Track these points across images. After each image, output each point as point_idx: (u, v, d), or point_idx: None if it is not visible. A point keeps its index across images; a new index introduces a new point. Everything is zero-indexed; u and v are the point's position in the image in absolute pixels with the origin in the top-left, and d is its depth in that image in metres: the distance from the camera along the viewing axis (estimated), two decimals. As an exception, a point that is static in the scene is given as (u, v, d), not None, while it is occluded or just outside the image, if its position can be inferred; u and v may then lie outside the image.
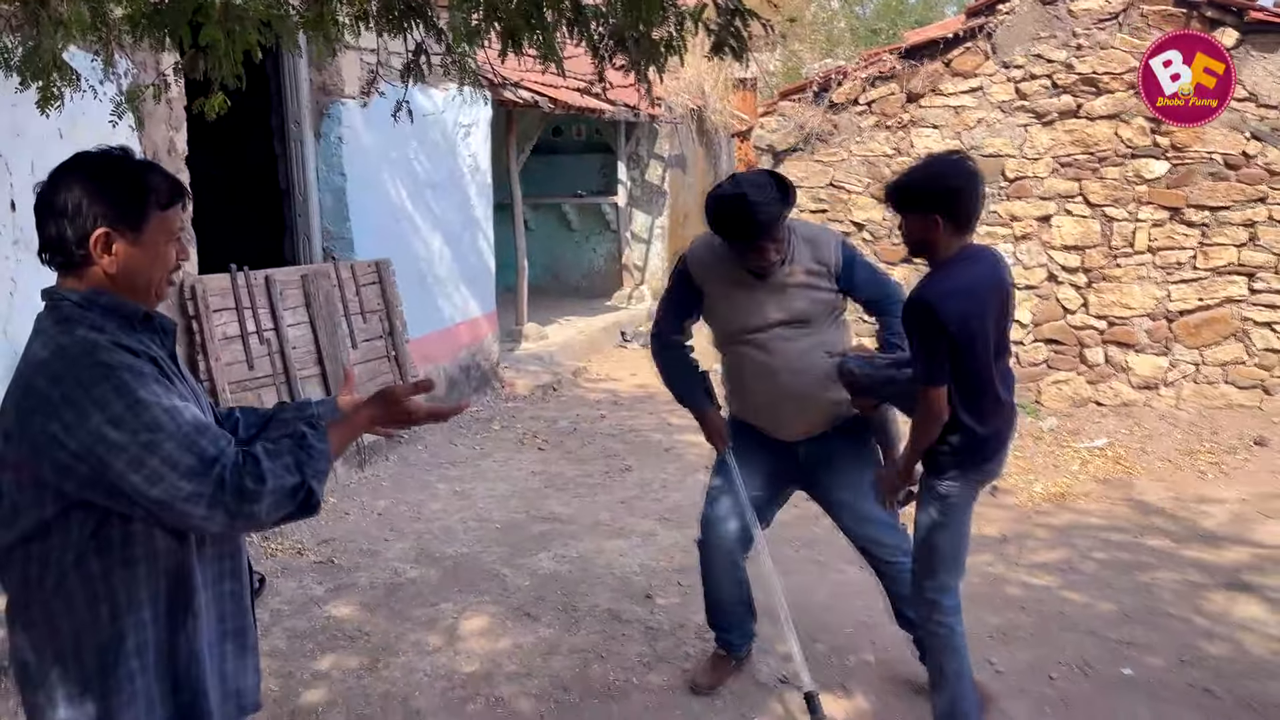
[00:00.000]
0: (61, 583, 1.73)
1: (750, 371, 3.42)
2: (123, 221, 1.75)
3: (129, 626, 1.75)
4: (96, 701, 1.76)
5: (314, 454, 1.78)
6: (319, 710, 3.58)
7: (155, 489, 1.65)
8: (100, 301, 1.76)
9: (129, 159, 1.83)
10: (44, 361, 1.71)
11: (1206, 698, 3.55)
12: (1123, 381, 6.77)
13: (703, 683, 3.70)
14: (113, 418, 1.64)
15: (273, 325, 5.83)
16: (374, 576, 4.75)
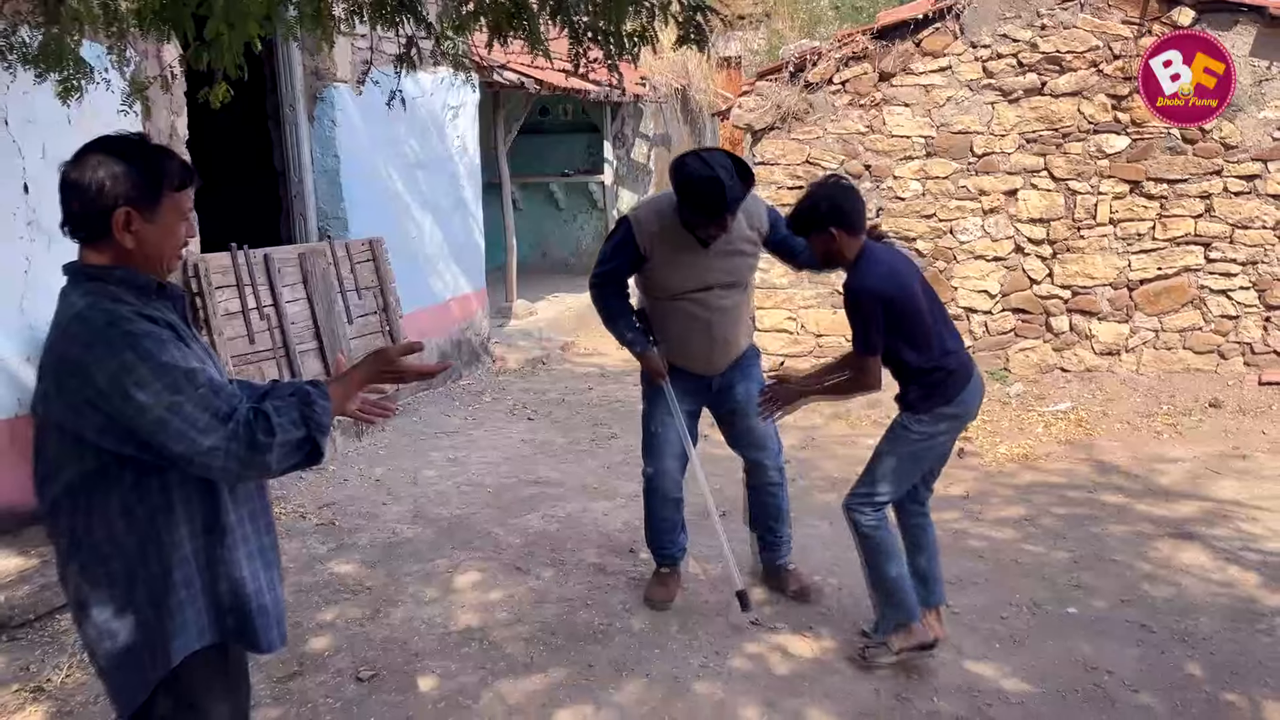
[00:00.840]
0: (111, 529, 1.95)
1: (686, 324, 3.94)
2: (141, 201, 1.95)
3: (175, 562, 1.98)
4: (152, 631, 1.98)
5: (317, 409, 1.99)
6: (325, 655, 3.87)
7: (179, 445, 1.87)
8: (118, 274, 1.96)
9: (147, 144, 2.04)
10: (74, 330, 1.91)
11: (1143, 632, 3.86)
12: (1086, 348, 7.07)
13: (661, 598, 4.16)
14: (139, 381, 1.85)
15: (272, 301, 6.09)
16: (373, 536, 5.03)
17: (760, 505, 4.26)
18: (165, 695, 2.03)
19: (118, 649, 2.01)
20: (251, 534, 2.11)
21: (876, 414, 6.80)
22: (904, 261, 3.60)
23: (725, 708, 3.43)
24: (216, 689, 2.13)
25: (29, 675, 3.73)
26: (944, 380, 3.47)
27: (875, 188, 7.20)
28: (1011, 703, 3.41)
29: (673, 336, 4.01)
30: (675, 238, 3.81)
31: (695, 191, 3.61)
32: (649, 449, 4.16)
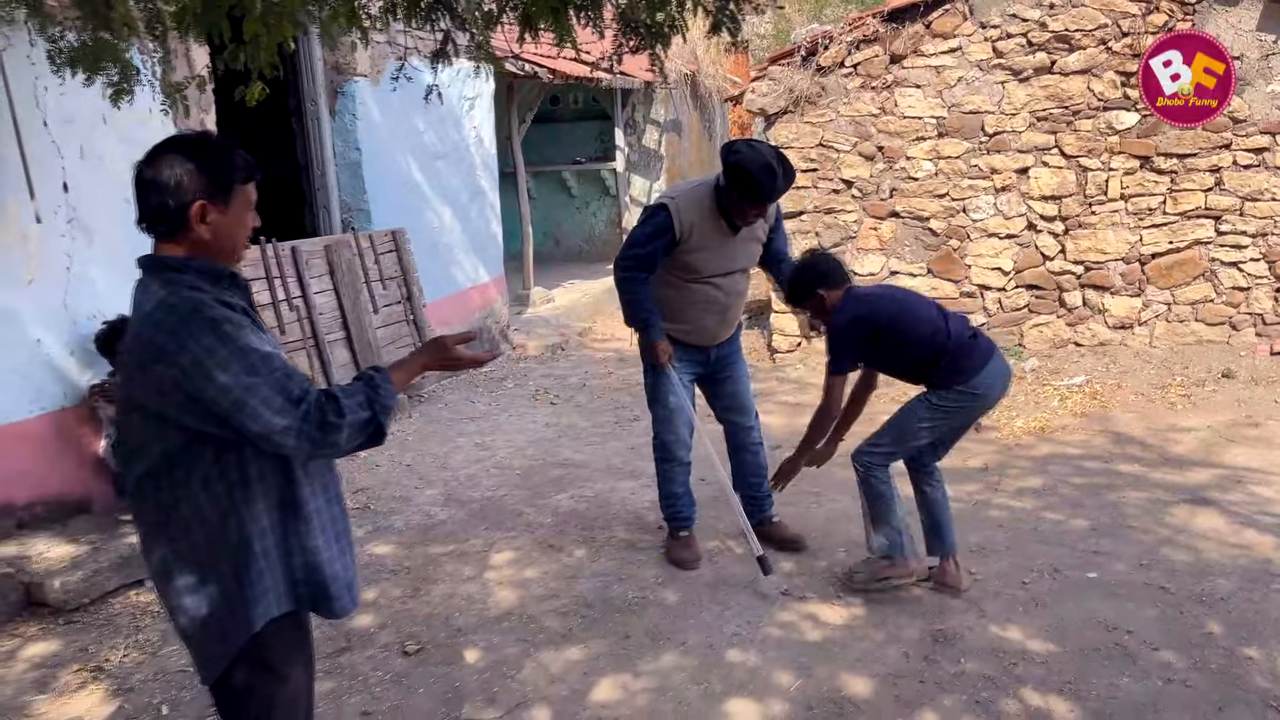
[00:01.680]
0: (195, 504, 2.08)
1: (705, 305, 4.25)
2: (216, 194, 2.08)
3: (254, 534, 2.10)
4: (233, 599, 2.11)
5: (382, 393, 2.12)
6: (371, 631, 4.01)
7: (255, 425, 1.99)
8: (196, 265, 2.08)
9: (215, 141, 2.16)
10: (157, 317, 2.03)
11: (1161, 594, 3.98)
12: (1099, 323, 7.17)
13: (690, 558, 4.41)
14: (220, 363, 1.97)
15: (300, 293, 6.23)
16: (408, 519, 5.17)
17: (744, 465, 4.58)
18: (245, 660, 2.16)
19: (202, 617, 2.14)
20: (324, 506, 2.23)
21: (894, 391, 6.92)
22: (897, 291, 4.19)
23: (760, 673, 3.56)
24: (293, 653, 2.27)
25: (88, 656, 3.88)
26: (955, 360, 3.81)
27: (888, 168, 7.30)
28: (1036, 662, 3.53)
29: (689, 317, 4.26)
30: (709, 223, 4.07)
31: (751, 178, 3.87)
32: (662, 419, 4.40)
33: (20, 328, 4.59)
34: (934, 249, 7.34)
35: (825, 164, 7.39)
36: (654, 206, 4.20)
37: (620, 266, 4.20)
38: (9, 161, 4.47)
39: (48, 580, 4.20)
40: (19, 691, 3.65)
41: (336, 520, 2.28)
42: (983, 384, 3.83)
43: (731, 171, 3.92)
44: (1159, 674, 3.42)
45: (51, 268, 4.72)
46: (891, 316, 3.87)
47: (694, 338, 4.34)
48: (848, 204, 7.40)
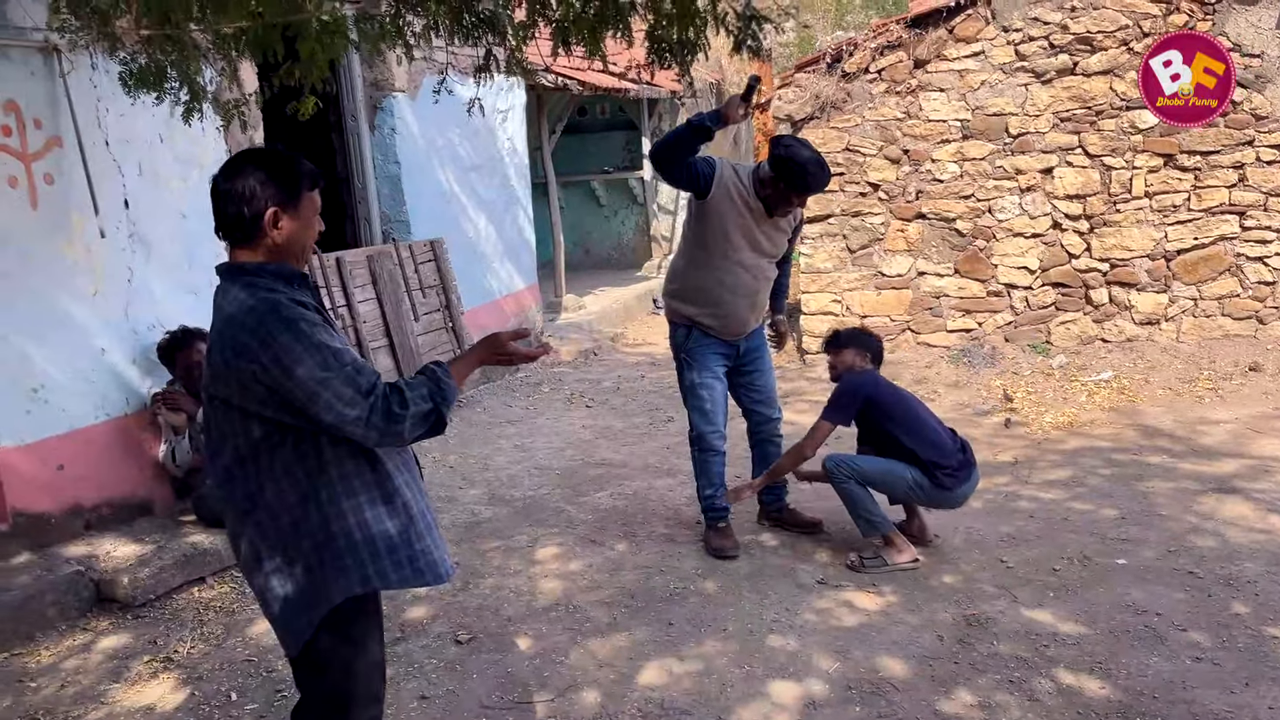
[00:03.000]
0: (278, 489, 2.26)
1: (735, 287, 4.44)
2: (286, 201, 2.26)
3: (332, 516, 2.27)
4: (315, 576, 2.29)
5: (443, 386, 2.29)
6: (424, 622, 4.18)
7: (328, 415, 2.17)
8: (271, 269, 2.27)
9: (283, 152, 2.34)
10: (240, 318, 2.21)
11: (1190, 579, 4.09)
12: (1126, 319, 7.26)
13: (730, 546, 4.57)
14: (295, 359, 2.15)
15: (345, 302, 6.44)
16: (454, 518, 5.35)
17: (767, 455, 4.80)
18: (327, 631, 2.33)
19: (288, 594, 2.32)
20: (410, 481, 2.41)
21: (922, 390, 7.06)
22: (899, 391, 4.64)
23: (799, 657, 3.70)
24: (371, 625, 2.44)
25: (157, 648, 4.07)
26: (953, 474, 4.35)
27: (914, 171, 7.44)
28: (1068, 643, 3.66)
29: (723, 300, 4.48)
30: (744, 196, 4.32)
31: (801, 168, 4.16)
32: (699, 411, 4.60)
33: (86, 337, 4.81)
34: (960, 249, 7.46)
35: (852, 168, 7.53)
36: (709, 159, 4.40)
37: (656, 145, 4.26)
38: (75, 180, 4.69)
39: (117, 577, 4.40)
40: (97, 680, 3.85)
41: (419, 497, 2.45)
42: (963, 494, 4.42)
43: (782, 162, 4.18)
44: (1188, 653, 3.54)
45: (114, 280, 4.94)
46: (892, 404, 4.44)
47: (727, 326, 4.52)
48: (875, 206, 7.54)
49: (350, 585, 2.31)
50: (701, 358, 4.56)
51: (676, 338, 4.65)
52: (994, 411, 6.56)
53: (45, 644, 4.12)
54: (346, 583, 2.30)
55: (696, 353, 4.56)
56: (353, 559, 2.31)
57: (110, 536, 4.77)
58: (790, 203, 4.35)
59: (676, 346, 4.64)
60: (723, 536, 4.60)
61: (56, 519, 4.67)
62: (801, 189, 4.26)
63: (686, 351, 4.59)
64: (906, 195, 7.47)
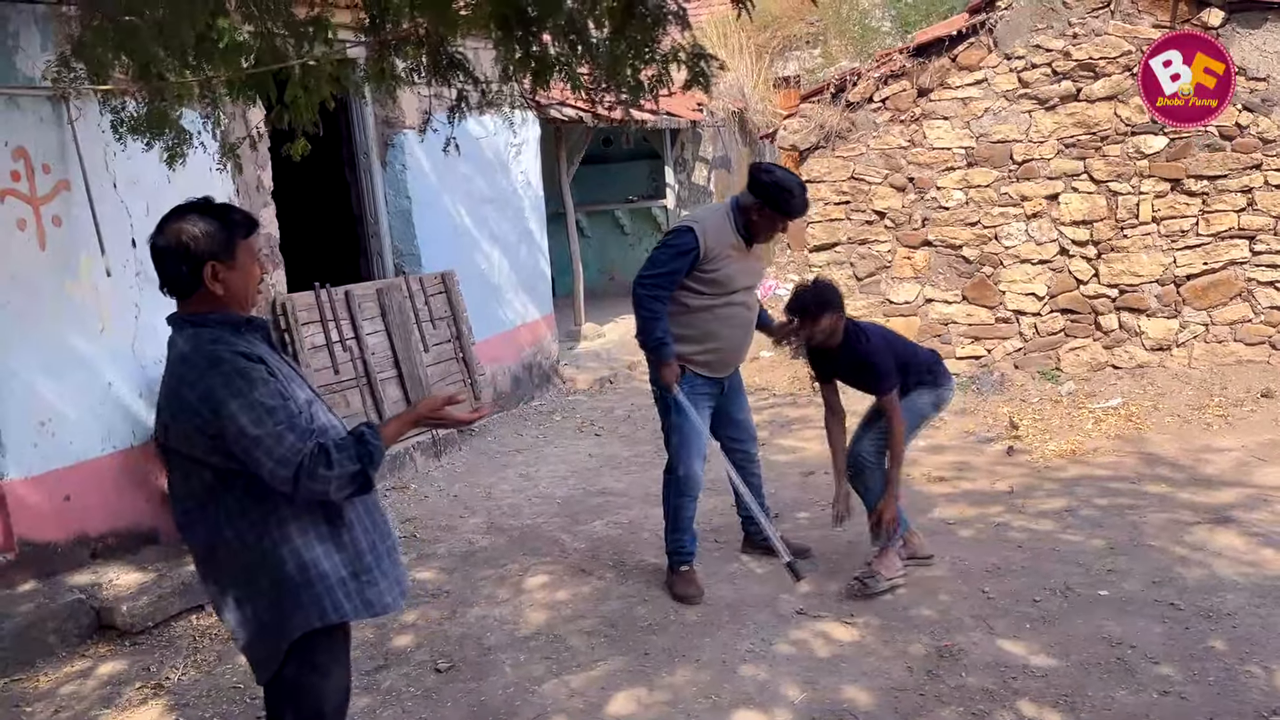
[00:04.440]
0: (235, 530, 2.37)
1: (736, 321, 4.48)
2: (222, 253, 2.35)
3: (286, 555, 2.37)
4: (276, 611, 2.40)
5: (370, 448, 2.36)
6: (407, 650, 4.28)
7: (260, 470, 2.28)
8: (215, 318, 2.37)
9: (213, 204, 2.43)
10: (180, 371, 2.34)
11: (1170, 610, 4.06)
12: (1137, 345, 7.20)
13: (696, 591, 4.51)
14: (230, 415, 2.25)
15: (354, 334, 6.59)
16: (451, 546, 5.45)
17: (751, 486, 4.73)
18: (294, 660, 2.45)
19: (252, 630, 2.44)
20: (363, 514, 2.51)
21: (929, 417, 7.04)
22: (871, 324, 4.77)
23: (768, 687, 3.73)
24: (336, 651, 2.56)
25: (149, 675, 4.20)
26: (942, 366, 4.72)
27: (920, 199, 7.45)
28: (1036, 676, 3.65)
29: (726, 336, 4.49)
30: (729, 241, 4.39)
31: (789, 193, 4.26)
32: (681, 453, 4.54)
33: (94, 372, 4.99)
34: (968, 276, 7.45)
35: (858, 196, 7.57)
36: (679, 229, 4.44)
37: (642, 285, 4.40)
38: (82, 221, 4.89)
39: (116, 605, 4.55)
40: (90, 706, 3.99)
41: (374, 528, 2.54)
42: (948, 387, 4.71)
43: (768, 188, 4.26)
44: (1155, 687, 3.52)
45: (121, 317, 5.12)
46: (897, 343, 4.61)
47: (724, 361, 4.53)
48: (881, 234, 7.56)
49: (308, 620, 2.41)
50: (691, 400, 4.50)
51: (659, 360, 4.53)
52: (998, 439, 6.53)
53: (45, 670, 4.27)
54: (304, 617, 2.41)
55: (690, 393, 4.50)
56: (308, 594, 2.40)
57: (115, 565, 4.93)
58: (775, 228, 4.42)
59: (656, 372, 4.57)
60: (688, 583, 4.56)
61: (62, 548, 4.84)
62: (788, 213, 4.34)
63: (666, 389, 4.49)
64: (913, 223, 7.49)
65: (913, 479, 5.92)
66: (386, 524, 2.61)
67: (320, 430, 2.36)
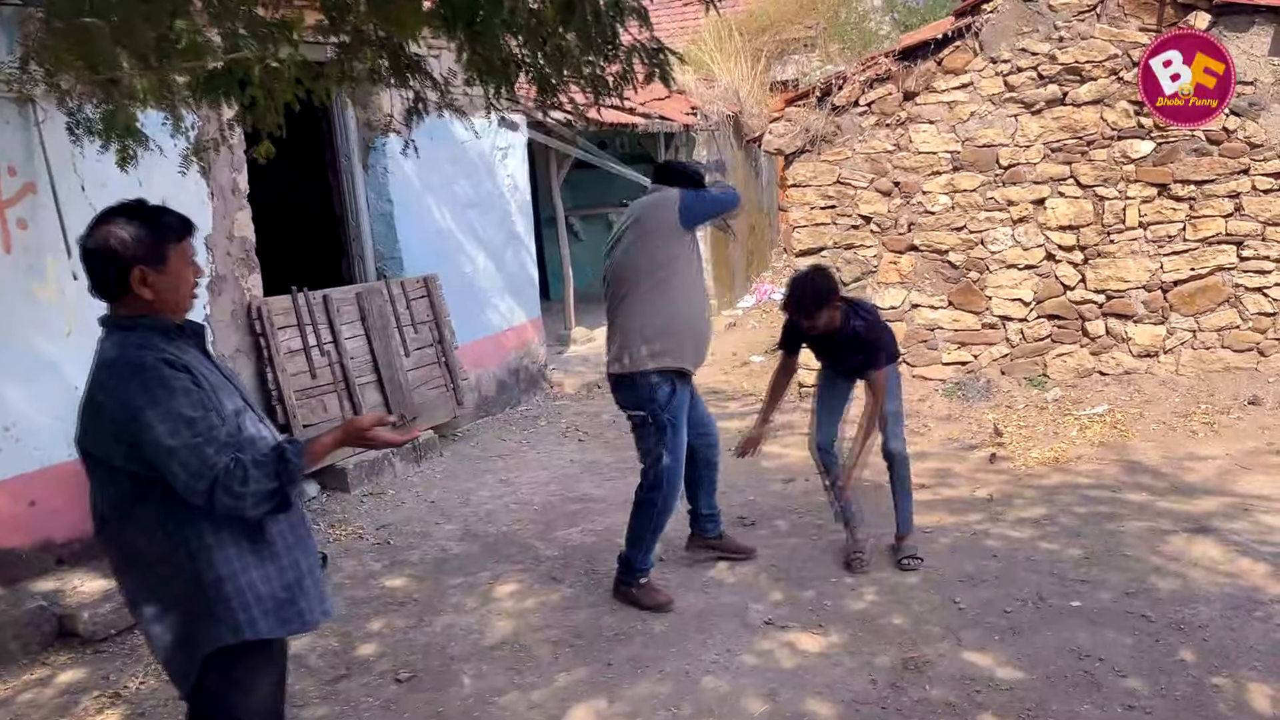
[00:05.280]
0: (150, 538, 2.31)
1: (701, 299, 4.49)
2: (150, 258, 2.29)
3: (203, 567, 2.30)
4: (188, 624, 2.33)
5: (290, 466, 2.29)
6: (370, 659, 4.22)
7: (175, 482, 2.22)
8: (145, 322, 2.31)
9: (146, 206, 2.37)
10: (102, 377, 2.28)
11: (1141, 622, 3.99)
12: (1124, 351, 7.12)
13: (666, 599, 4.46)
14: (147, 424, 2.19)
15: (332, 339, 6.55)
16: (424, 553, 5.39)
17: (712, 482, 4.82)
18: (214, 674, 2.37)
19: (167, 643, 2.37)
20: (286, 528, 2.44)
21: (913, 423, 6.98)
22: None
23: (729, 699, 3.67)
24: (260, 669, 2.47)
25: (109, 683, 4.15)
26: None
27: (905, 203, 7.39)
28: (1001, 689, 3.59)
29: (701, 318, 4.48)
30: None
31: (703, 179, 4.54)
32: (673, 472, 4.43)
33: (60, 376, 4.94)
34: (954, 281, 7.39)
35: (843, 200, 7.51)
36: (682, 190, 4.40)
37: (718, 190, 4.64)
38: (48, 224, 4.85)
39: (79, 613, 4.50)
40: (46, 715, 3.94)
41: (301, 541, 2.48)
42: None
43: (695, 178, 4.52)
44: (1121, 701, 3.45)
45: (89, 321, 4.99)
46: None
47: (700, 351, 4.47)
48: (867, 239, 7.50)
49: (221, 635, 2.34)
50: (680, 413, 4.39)
51: (660, 397, 4.31)
52: (982, 446, 6.46)
53: (4, 677, 4.22)
54: (217, 632, 2.34)
55: (678, 410, 4.38)
56: (223, 609, 2.33)
57: (81, 571, 4.88)
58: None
59: (660, 406, 4.32)
60: (656, 591, 4.49)
61: (26, 554, 4.80)
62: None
63: (671, 411, 4.34)
64: (899, 227, 7.42)
65: (892, 486, 5.86)
66: (311, 540, 2.55)
67: (247, 442, 2.31)
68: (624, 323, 4.37)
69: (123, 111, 3.59)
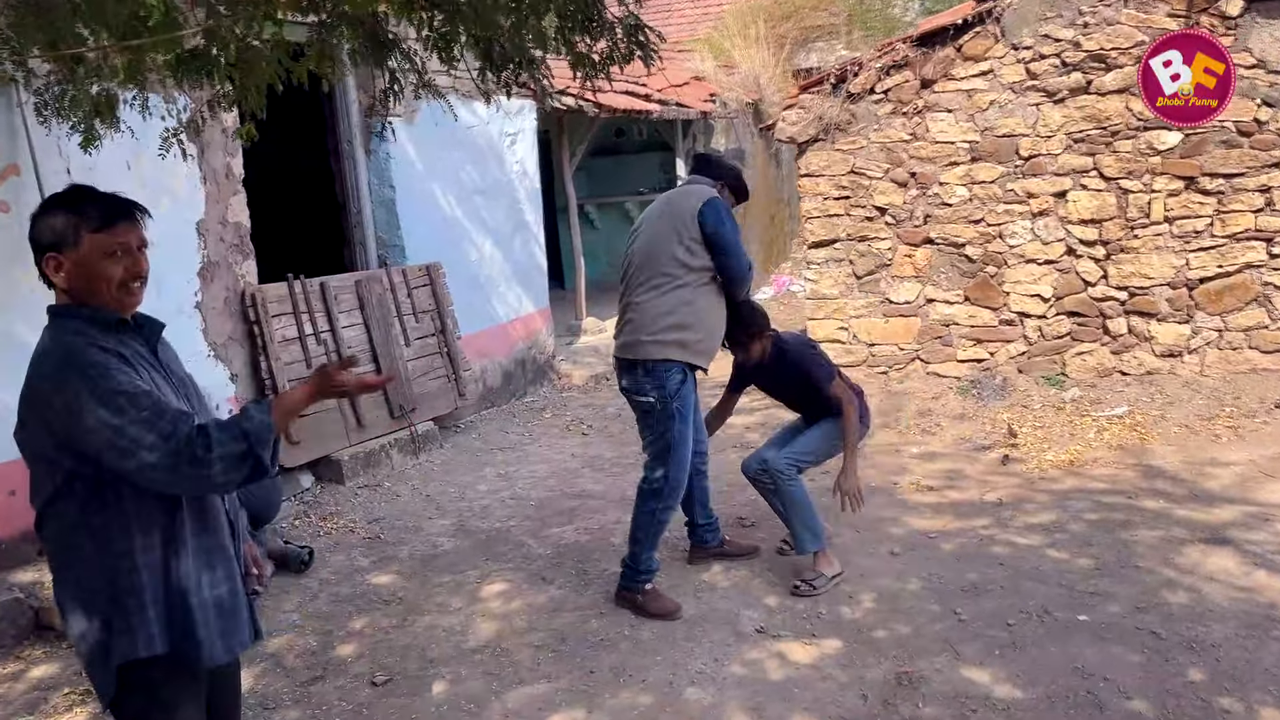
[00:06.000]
0: (75, 536, 2.17)
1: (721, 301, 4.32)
2: (61, 246, 2.16)
3: (124, 570, 2.16)
4: (105, 632, 2.17)
5: (255, 423, 2.13)
6: (348, 660, 4.10)
7: (128, 462, 2.06)
8: (84, 312, 2.18)
9: (73, 192, 2.24)
10: (39, 363, 2.15)
11: (1151, 639, 3.79)
12: (1146, 350, 6.87)
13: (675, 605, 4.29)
14: (85, 406, 2.05)
15: (329, 327, 6.42)
16: (414, 549, 5.26)
17: (704, 491, 4.71)
18: (135, 691, 2.22)
19: (88, 648, 2.22)
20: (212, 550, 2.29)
21: (925, 422, 6.77)
22: None
23: (712, 712, 3.51)
24: (182, 687, 2.30)
25: (79, 679, 4.04)
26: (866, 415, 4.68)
27: (921, 194, 7.16)
28: (997, 709, 3.41)
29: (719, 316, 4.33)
30: None
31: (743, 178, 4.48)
32: (683, 465, 4.30)
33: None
34: (971, 275, 7.16)
35: (857, 191, 7.29)
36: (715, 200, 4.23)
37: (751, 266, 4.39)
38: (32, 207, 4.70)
39: (55, 606, 4.39)
40: (14, 712, 3.83)
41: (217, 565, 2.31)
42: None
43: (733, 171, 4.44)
44: (1125, 724, 3.27)
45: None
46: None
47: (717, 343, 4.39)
48: (881, 231, 7.28)
49: (133, 648, 2.18)
50: (688, 403, 4.27)
51: (670, 385, 4.18)
52: (994, 447, 6.25)
53: (-25, 670, 4.14)
54: (130, 644, 2.18)
55: (687, 399, 4.26)
56: (139, 619, 2.18)
57: (62, 563, 4.78)
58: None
59: (669, 395, 4.19)
60: (663, 599, 4.32)
61: (6, 545, 4.71)
62: (746, 196, 4.53)
63: (681, 399, 4.21)
64: (914, 219, 7.20)
65: (899, 488, 5.67)
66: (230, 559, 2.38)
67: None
68: (647, 308, 4.21)
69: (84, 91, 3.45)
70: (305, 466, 6.27)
